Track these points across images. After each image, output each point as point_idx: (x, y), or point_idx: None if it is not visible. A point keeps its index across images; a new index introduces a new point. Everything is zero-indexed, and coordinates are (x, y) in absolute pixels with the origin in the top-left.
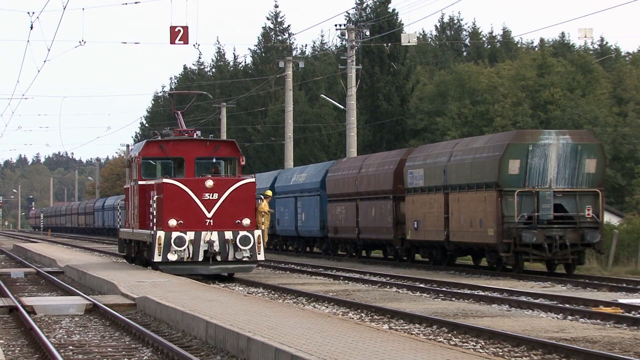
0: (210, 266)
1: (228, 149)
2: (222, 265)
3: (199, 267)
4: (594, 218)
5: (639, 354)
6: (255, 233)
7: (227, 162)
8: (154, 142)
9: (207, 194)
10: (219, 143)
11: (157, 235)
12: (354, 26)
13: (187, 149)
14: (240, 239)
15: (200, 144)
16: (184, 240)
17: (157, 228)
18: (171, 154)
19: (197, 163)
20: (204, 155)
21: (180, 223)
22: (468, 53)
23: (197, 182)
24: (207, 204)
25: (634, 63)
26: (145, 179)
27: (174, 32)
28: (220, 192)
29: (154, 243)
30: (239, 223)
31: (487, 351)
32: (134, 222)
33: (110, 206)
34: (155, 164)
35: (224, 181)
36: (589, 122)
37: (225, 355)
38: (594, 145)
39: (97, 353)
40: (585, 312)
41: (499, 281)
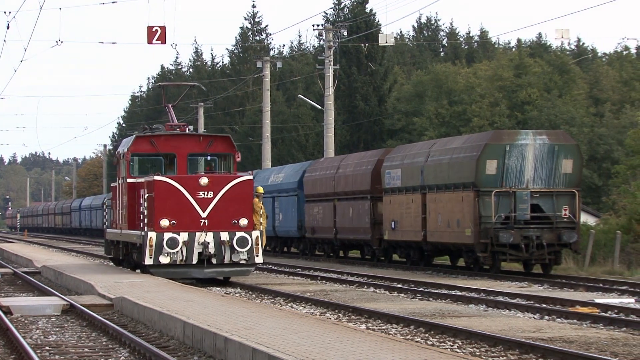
0: (205, 269)
1: (223, 144)
2: (217, 268)
3: (193, 271)
4: (570, 218)
5: (616, 354)
6: (253, 234)
7: (222, 159)
8: (144, 137)
9: (201, 192)
10: (213, 138)
11: (148, 237)
12: (331, 26)
13: (179, 145)
14: (237, 241)
15: (193, 139)
16: (176, 242)
17: (148, 229)
18: (162, 150)
19: (190, 160)
20: (197, 152)
21: (173, 223)
22: (445, 53)
23: (190, 179)
24: (201, 203)
25: (610, 64)
26: (135, 177)
27: (151, 32)
28: (216, 191)
29: (144, 245)
30: (236, 223)
31: (464, 351)
32: (122, 223)
33: (87, 206)
34: (145, 161)
35: (220, 179)
36: (565, 122)
37: (203, 356)
38: (570, 146)
39: (74, 353)
40: (562, 312)
41: (476, 281)
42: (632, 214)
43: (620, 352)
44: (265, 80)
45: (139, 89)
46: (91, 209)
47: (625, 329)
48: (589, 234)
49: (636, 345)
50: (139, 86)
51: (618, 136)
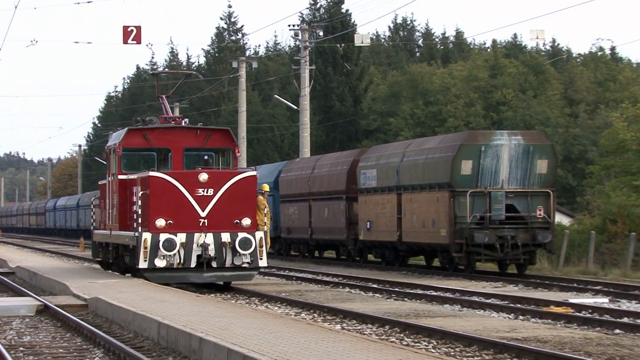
0: (205, 273)
1: (221, 138)
2: (218, 272)
3: (191, 275)
4: (545, 218)
5: (590, 354)
6: (256, 235)
7: (219, 154)
8: (137, 130)
9: (200, 189)
10: (210, 132)
11: (143, 238)
12: (307, 27)
13: (175, 139)
14: (239, 242)
15: (190, 132)
16: (174, 244)
17: (143, 229)
18: (156, 144)
19: (186, 155)
20: (193, 146)
21: (170, 223)
22: (421, 54)
23: (189, 175)
24: (200, 201)
25: (585, 64)
26: (127, 173)
27: (126, 32)
28: (216, 188)
29: (138, 247)
30: (238, 223)
31: (439, 351)
32: (112, 223)
33: (62, 207)
34: (137, 156)
35: (221, 174)
36: (540, 123)
37: (178, 356)
38: (545, 146)
39: (48, 354)
40: (536, 312)
41: (451, 281)
42: (606, 214)
43: (594, 351)
44: (241, 81)
45: (115, 89)
46: (66, 209)
47: (599, 329)
48: (563, 234)
49: (610, 345)
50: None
51: (592, 137)
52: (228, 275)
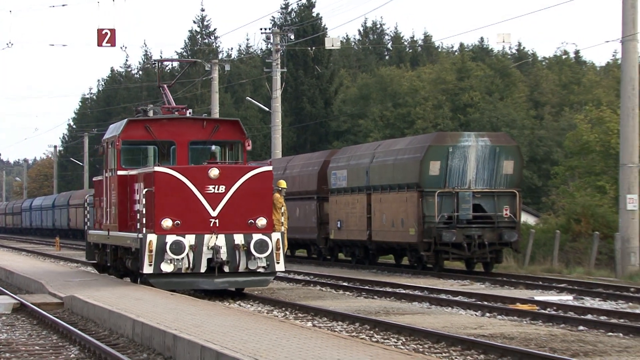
0: (216, 279)
1: (230, 130)
2: (230, 277)
3: (201, 281)
4: (511, 218)
5: (554, 350)
6: (273, 236)
7: (227, 147)
8: (138, 122)
9: (211, 186)
10: (218, 123)
11: (147, 240)
12: (279, 30)
13: (180, 131)
14: (255, 245)
15: (196, 124)
16: (182, 246)
17: (147, 230)
18: (159, 137)
19: (192, 149)
20: (200, 139)
21: (177, 224)
22: (390, 57)
23: (198, 170)
24: (211, 199)
25: (550, 67)
26: (126, 168)
27: (101, 35)
28: (229, 184)
29: (142, 249)
30: (253, 224)
31: (408, 347)
32: (110, 223)
33: (38, 207)
34: (137, 150)
35: (233, 170)
36: (506, 124)
37: (152, 353)
38: (511, 147)
39: (25, 351)
40: (502, 309)
41: (419, 279)
42: (571, 213)
43: (558, 347)
44: (213, 83)
45: (89, 91)
46: (42, 209)
47: (563, 326)
48: (529, 233)
49: (574, 341)
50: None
51: (557, 138)
52: (242, 281)
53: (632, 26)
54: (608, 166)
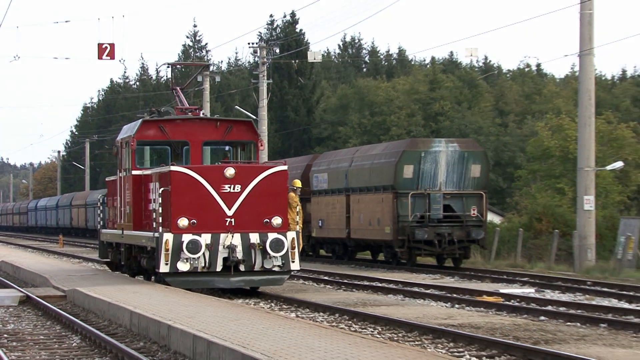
0: (232, 278)
1: (244, 130)
2: (246, 276)
3: (217, 280)
4: (478, 217)
5: (518, 338)
6: (288, 235)
7: (239, 147)
8: (152, 122)
9: (227, 185)
10: (232, 123)
11: (164, 239)
12: (265, 44)
13: (193, 131)
14: (271, 244)
15: (210, 124)
16: (198, 245)
17: (164, 229)
18: (173, 137)
19: (205, 149)
20: (214, 139)
21: (193, 223)
22: (367, 69)
23: (214, 170)
24: (227, 198)
25: (513, 79)
26: (141, 168)
27: (101, 49)
28: (244, 184)
29: (159, 249)
30: (268, 223)
31: (383, 336)
32: (124, 222)
33: (43, 207)
34: (153, 150)
35: (249, 169)
36: (474, 131)
37: (148, 342)
38: (478, 153)
39: (30, 340)
40: (470, 301)
41: (394, 274)
42: (532, 213)
43: (521, 336)
44: (205, 93)
45: (90, 100)
46: (46, 209)
47: (526, 316)
48: (494, 231)
49: (536, 330)
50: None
51: (520, 144)
52: (257, 280)
53: (588, 42)
54: (567, 170)
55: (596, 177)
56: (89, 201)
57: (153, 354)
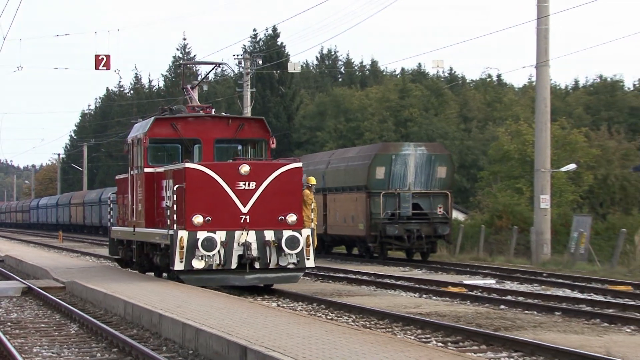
0: (247, 275)
1: (255, 128)
2: (261, 274)
3: (232, 277)
4: (444, 214)
5: (480, 325)
6: (303, 232)
7: (250, 145)
8: (164, 120)
9: (242, 182)
10: (243, 121)
11: (178, 236)
12: (249, 56)
13: (205, 129)
14: (286, 241)
15: (221, 122)
16: (214, 243)
17: (178, 227)
18: (185, 135)
19: (217, 147)
20: (225, 137)
21: (208, 220)
22: (343, 79)
23: (229, 167)
24: (242, 195)
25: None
26: (153, 166)
27: (98, 60)
28: (259, 181)
29: (173, 246)
30: (283, 220)
31: (357, 324)
32: (136, 219)
33: (44, 205)
34: (165, 147)
35: (264, 166)
36: (440, 136)
37: (141, 329)
38: (444, 155)
39: (32, 328)
40: (436, 292)
41: (367, 266)
42: (493, 211)
43: (483, 323)
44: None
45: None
46: (47, 207)
47: (487, 305)
48: (459, 228)
49: (496, 318)
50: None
51: (482, 148)
52: (272, 277)
53: (544, 54)
54: (525, 171)
55: (551, 178)
56: (87, 200)
57: (145, 340)
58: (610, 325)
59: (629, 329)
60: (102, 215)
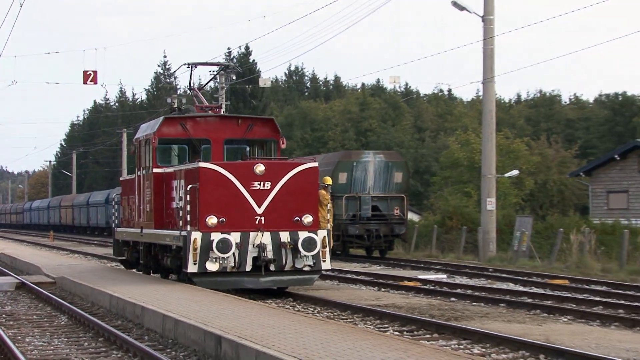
0: (262, 278)
1: (265, 128)
2: (276, 276)
3: (246, 280)
4: (400, 216)
5: (432, 315)
6: (319, 234)
7: (258, 146)
8: (173, 119)
9: (256, 182)
10: (253, 121)
11: (192, 238)
12: (223, 72)
13: (215, 128)
14: (303, 242)
15: (231, 122)
16: (229, 245)
17: (192, 228)
18: (195, 135)
19: (227, 147)
20: (235, 137)
21: (222, 221)
22: (309, 93)
23: (243, 166)
24: (256, 195)
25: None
26: (162, 166)
27: (86, 75)
28: (274, 180)
29: (186, 248)
30: (299, 221)
31: (322, 315)
32: (143, 220)
33: (36, 207)
34: (174, 147)
35: (279, 166)
36: (397, 145)
37: (125, 320)
38: (400, 162)
39: (25, 320)
40: (393, 285)
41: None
42: (445, 213)
43: (436, 314)
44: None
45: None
46: (39, 209)
47: (439, 297)
48: (414, 228)
49: (447, 309)
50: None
51: (435, 155)
52: (287, 280)
53: (490, 71)
54: (472, 177)
55: (497, 182)
56: (75, 203)
57: (129, 330)
58: (549, 315)
59: (566, 319)
60: (89, 216)
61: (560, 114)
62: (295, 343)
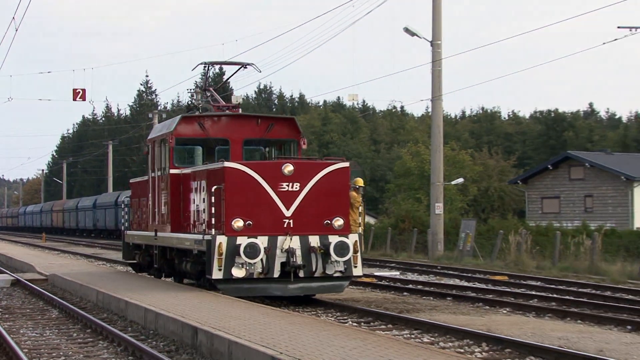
0: (290, 285)
1: (285, 128)
2: (305, 283)
3: (274, 287)
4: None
5: (387, 308)
6: (351, 238)
7: (276, 147)
8: (191, 118)
9: (285, 183)
10: (273, 121)
11: (217, 242)
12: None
13: (234, 128)
14: (335, 247)
15: (251, 121)
16: (257, 250)
17: (216, 231)
18: (213, 134)
19: (246, 148)
20: (254, 137)
21: (249, 224)
22: (276, 109)
23: (271, 167)
24: (284, 197)
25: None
26: (179, 167)
27: (75, 93)
28: (303, 182)
29: (211, 253)
30: (329, 224)
31: (288, 309)
32: (159, 223)
33: (30, 212)
34: (192, 147)
35: (308, 166)
36: (355, 155)
37: (110, 313)
38: (358, 171)
39: (19, 313)
40: (352, 281)
41: None
42: (398, 216)
43: (390, 307)
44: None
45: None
46: (32, 213)
47: (393, 292)
48: (370, 230)
49: (400, 302)
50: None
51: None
52: (316, 287)
53: (438, 90)
54: (423, 184)
55: (444, 189)
56: (66, 207)
57: (114, 322)
58: (490, 307)
59: (505, 311)
60: (78, 219)
61: (500, 128)
62: (263, 333)
